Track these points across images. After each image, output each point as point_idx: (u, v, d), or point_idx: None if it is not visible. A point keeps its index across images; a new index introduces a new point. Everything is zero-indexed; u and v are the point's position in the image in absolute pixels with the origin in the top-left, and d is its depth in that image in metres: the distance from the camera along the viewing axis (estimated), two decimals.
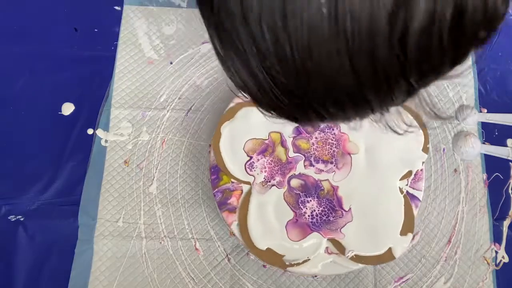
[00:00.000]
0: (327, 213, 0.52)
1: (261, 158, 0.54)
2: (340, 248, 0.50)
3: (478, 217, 0.55)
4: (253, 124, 0.54)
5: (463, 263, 0.53)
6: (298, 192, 0.53)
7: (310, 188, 0.53)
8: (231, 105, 0.56)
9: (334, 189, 0.53)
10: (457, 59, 0.22)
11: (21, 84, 0.60)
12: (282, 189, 0.53)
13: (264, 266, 0.53)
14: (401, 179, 0.53)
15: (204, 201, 0.55)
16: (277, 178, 0.53)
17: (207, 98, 0.60)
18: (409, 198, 0.52)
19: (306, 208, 0.52)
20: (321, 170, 0.53)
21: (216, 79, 0.61)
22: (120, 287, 0.52)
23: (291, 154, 0.54)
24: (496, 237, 0.55)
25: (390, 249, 0.50)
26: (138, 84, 0.60)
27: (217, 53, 0.24)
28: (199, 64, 0.62)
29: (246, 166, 0.54)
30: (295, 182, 0.53)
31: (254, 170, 0.53)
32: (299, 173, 0.53)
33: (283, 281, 0.53)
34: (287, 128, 0.55)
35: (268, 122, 0.27)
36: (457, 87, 0.61)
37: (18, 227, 0.54)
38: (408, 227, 0.51)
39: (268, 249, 0.50)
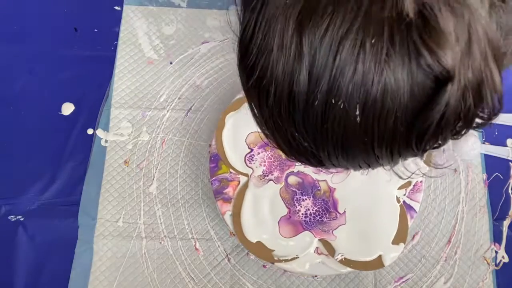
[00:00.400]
0: (321, 213, 0.52)
1: (262, 151, 0.54)
2: (330, 250, 0.50)
3: (478, 217, 0.55)
4: None
5: (463, 263, 0.53)
6: (294, 189, 0.53)
7: (307, 187, 0.53)
8: (239, 96, 0.56)
9: (331, 190, 0.53)
10: (456, 138, 0.28)
11: (21, 84, 0.60)
12: (279, 184, 0.53)
13: (264, 266, 0.53)
14: (400, 188, 0.53)
15: (204, 201, 0.55)
16: (275, 174, 0.53)
17: (207, 98, 0.60)
18: (406, 208, 0.52)
19: (301, 206, 0.52)
20: (320, 171, 0.53)
21: (216, 79, 0.61)
22: (120, 287, 0.52)
23: None
24: (496, 237, 0.54)
25: (380, 256, 0.49)
26: (138, 84, 0.60)
27: (256, 121, 0.29)
28: (199, 64, 0.62)
29: (246, 158, 0.54)
30: (292, 179, 0.53)
31: (254, 163, 0.54)
32: (298, 171, 0.53)
33: (283, 281, 0.53)
34: None
35: None
36: None
37: (18, 227, 0.54)
38: (401, 236, 0.50)
39: (258, 242, 0.50)
